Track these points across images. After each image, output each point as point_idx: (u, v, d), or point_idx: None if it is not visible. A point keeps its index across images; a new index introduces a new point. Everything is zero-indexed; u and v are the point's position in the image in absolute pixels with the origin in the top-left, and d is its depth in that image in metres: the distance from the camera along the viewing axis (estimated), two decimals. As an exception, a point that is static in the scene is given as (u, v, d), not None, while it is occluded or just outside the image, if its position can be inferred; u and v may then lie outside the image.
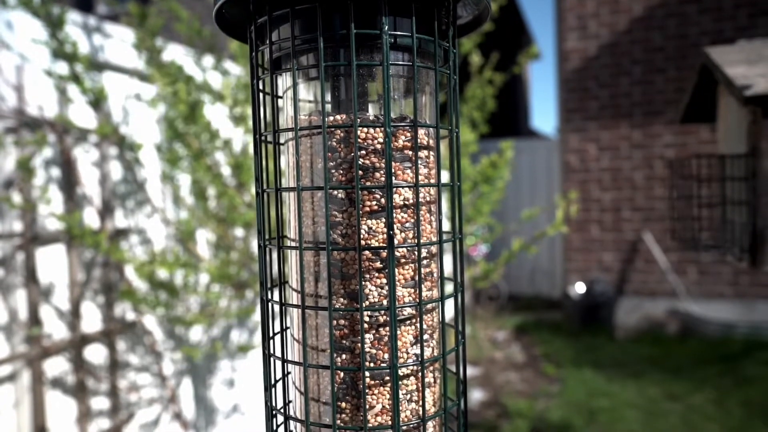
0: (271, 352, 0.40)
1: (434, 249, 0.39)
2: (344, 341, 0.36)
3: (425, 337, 0.38)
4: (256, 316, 2.59)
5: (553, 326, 4.76)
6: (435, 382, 0.39)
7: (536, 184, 5.82)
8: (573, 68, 4.84)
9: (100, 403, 1.86)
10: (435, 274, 0.39)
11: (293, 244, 0.38)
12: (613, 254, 4.78)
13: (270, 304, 0.40)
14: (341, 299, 0.36)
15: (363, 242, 0.35)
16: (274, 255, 0.40)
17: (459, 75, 0.40)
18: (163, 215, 2.01)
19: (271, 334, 0.41)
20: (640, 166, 4.68)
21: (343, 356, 0.36)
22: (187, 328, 2.22)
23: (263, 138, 0.39)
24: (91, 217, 1.83)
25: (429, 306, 0.38)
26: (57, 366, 1.72)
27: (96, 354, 1.84)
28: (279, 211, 0.39)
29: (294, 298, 0.39)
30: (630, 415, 3.07)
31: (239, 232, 2.23)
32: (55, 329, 1.72)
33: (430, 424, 0.38)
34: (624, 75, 4.70)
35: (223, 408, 2.44)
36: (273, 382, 0.41)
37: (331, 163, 0.35)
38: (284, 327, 0.41)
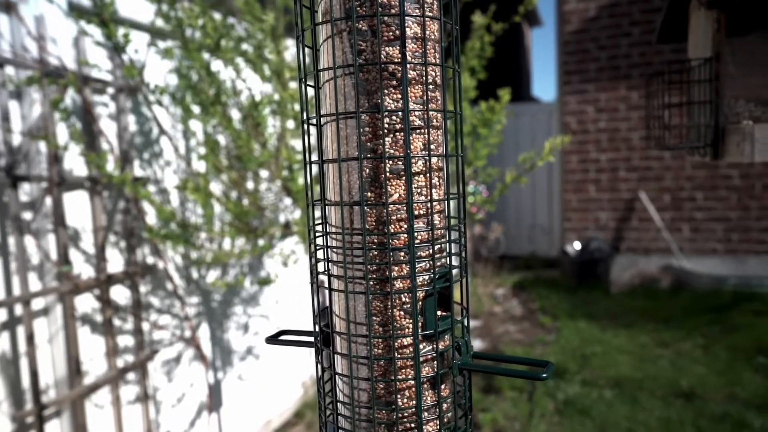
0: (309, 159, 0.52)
1: (438, 80, 0.50)
2: (369, 144, 0.47)
3: (432, 147, 0.49)
4: (268, 264, 2.73)
5: (551, 283, 4.93)
6: (440, 184, 0.51)
7: (537, 147, 5.89)
8: (573, 30, 4.87)
9: (126, 340, 2.01)
10: (439, 101, 0.50)
11: (328, 74, 0.49)
12: (610, 213, 4.90)
13: (307, 126, 0.51)
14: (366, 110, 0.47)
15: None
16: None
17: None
18: (179, 163, 2.12)
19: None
20: (637, 127, 4.76)
21: (368, 155, 0.48)
22: (204, 271, 2.35)
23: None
24: (111, 167, 1.94)
25: (435, 123, 0.50)
26: (86, 303, 1.86)
27: (120, 294, 1.98)
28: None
29: (329, 114, 0.50)
30: (621, 359, 3.24)
31: (250, 185, 2.34)
32: (84, 270, 1.85)
33: (436, 217, 0.50)
34: (623, 36, 4.73)
35: (239, 350, 2.60)
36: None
37: (356, 2, 0.46)
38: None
